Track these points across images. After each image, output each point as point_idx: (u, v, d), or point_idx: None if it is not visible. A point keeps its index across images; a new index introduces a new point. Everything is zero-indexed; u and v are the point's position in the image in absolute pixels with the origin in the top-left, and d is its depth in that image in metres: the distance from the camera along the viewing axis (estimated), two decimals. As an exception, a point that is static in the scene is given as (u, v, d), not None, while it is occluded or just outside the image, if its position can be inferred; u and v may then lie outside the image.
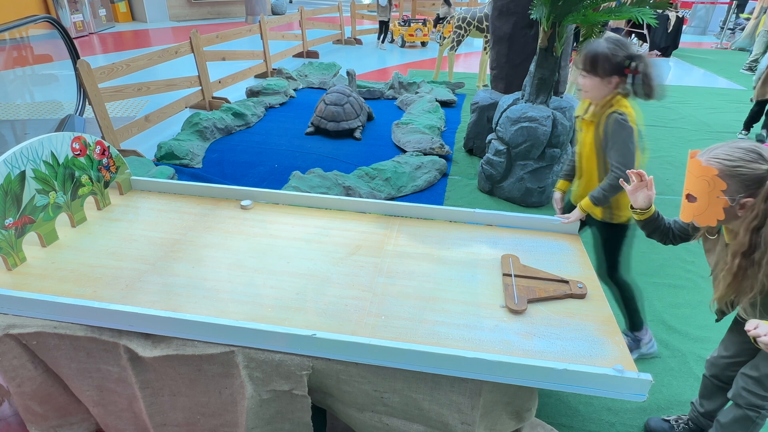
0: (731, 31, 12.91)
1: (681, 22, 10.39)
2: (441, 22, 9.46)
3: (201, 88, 5.52)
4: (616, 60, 1.73)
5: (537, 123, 3.39)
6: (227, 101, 5.66)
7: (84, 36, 10.36)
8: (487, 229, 1.96)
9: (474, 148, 4.60)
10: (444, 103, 6.06)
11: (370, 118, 5.47)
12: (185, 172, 3.92)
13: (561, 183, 2.15)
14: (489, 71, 4.70)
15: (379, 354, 1.27)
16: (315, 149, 4.62)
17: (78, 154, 1.81)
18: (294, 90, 6.63)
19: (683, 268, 2.91)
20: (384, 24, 10.37)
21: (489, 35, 4.86)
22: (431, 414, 1.36)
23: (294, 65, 8.01)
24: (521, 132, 3.44)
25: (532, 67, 3.42)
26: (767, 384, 1.42)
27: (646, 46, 10.92)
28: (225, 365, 1.37)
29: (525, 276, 1.61)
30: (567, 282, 1.58)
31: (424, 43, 11.12)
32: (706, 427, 1.74)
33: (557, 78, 3.51)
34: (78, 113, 4.32)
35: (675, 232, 1.56)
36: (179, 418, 1.51)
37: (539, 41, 3.26)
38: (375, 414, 1.41)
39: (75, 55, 4.19)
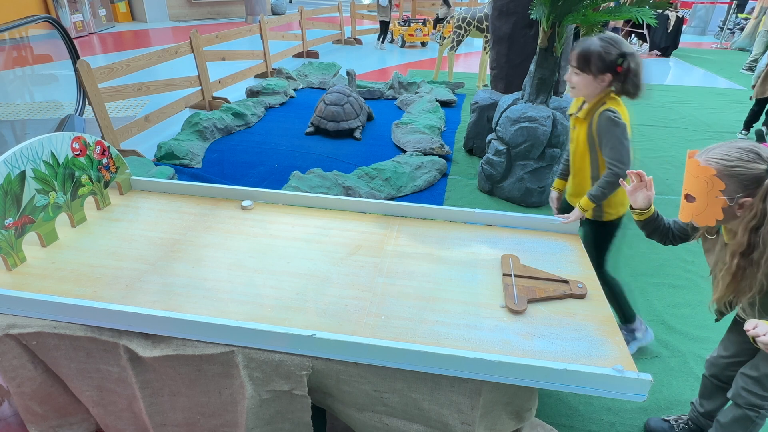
0: (730, 32, 12.91)
1: (681, 22, 10.39)
2: (440, 22, 9.46)
3: (201, 88, 5.52)
4: (609, 58, 1.72)
5: (537, 123, 3.39)
6: (227, 101, 5.66)
7: (84, 36, 10.36)
8: (487, 229, 1.96)
9: (474, 148, 4.60)
10: (444, 103, 6.06)
11: (370, 118, 5.47)
12: (185, 172, 3.92)
13: (557, 182, 2.15)
14: (489, 71, 4.70)
15: (379, 354, 1.27)
16: (315, 149, 4.62)
17: (78, 154, 1.81)
18: (294, 90, 6.63)
19: (683, 268, 2.91)
20: (384, 24, 10.36)
21: (489, 35, 4.86)
22: (431, 414, 1.36)
23: (294, 65, 8.01)
24: (521, 132, 3.44)
25: (532, 67, 3.42)
26: (767, 384, 1.42)
27: (646, 46, 10.94)
28: (225, 365, 1.37)
29: (525, 276, 1.61)
30: (567, 282, 1.58)
31: (424, 43, 11.13)
32: (706, 427, 1.74)
33: (557, 78, 3.51)
34: (78, 113, 4.32)
35: (675, 232, 1.56)
36: (179, 418, 1.51)
37: (539, 41, 3.26)
38: (375, 414, 1.41)
39: (75, 55, 4.19)
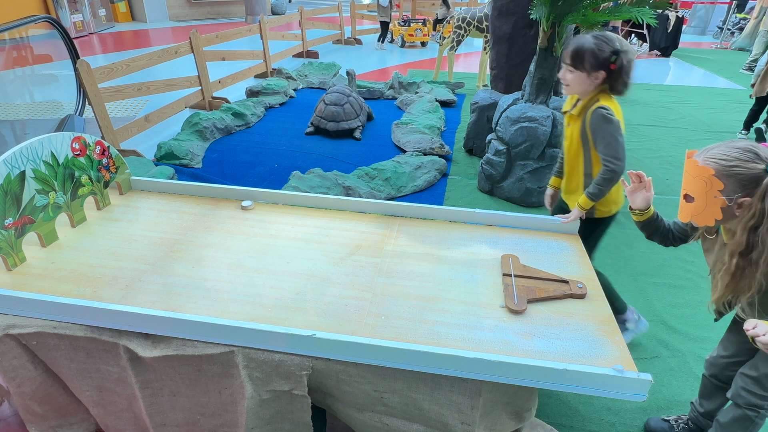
0: (730, 32, 12.92)
1: (681, 22, 10.40)
2: (440, 23, 9.46)
3: (201, 88, 5.51)
4: (602, 55, 1.72)
5: (537, 123, 3.39)
6: (227, 101, 5.66)
7: (84, 36, 10.36)
8: (487, 229, 1.96)
9: (474, 148, 4.60)
10: (444, 103, 6.05)
11: (369, 118, 5.47)
12: (185, 172, 3.92)
13: (553, 180, 2.16)
14: (489, 71, 4.70)
15: (379, 354, 1.27)
16: (315, 149, 4.62)
17: (78, 154, 1.81)
18: (294, 90, 6.63)
19: (683, 268, 2.91)
20: (385, 24, 10.36)
21: (489, 35, 4.86)
22: (431, 414, 1.36)
23: (294, 65, 8.01)
24: (521, 132, 3.44)
25: (531, 67, 3.42)
26: (766, 384, 1.43)
27: (646, 46, 10.94)
28: (225, 365, 1.37)
29: (525, 276, 1.61)
30: (567, 282, 1.58)
31: (423, 43, 11.12)
32: (705, 427, 1.74)
33: (557, 78, 3.50)
34: (78, 113, 4.32)
35: (675, 234, 1.56)
36: (179, 418, 1.51)
37: (539, 41, 3.26)
38: (375, 414, 1.41)
39: (75, 55, 4.18)
